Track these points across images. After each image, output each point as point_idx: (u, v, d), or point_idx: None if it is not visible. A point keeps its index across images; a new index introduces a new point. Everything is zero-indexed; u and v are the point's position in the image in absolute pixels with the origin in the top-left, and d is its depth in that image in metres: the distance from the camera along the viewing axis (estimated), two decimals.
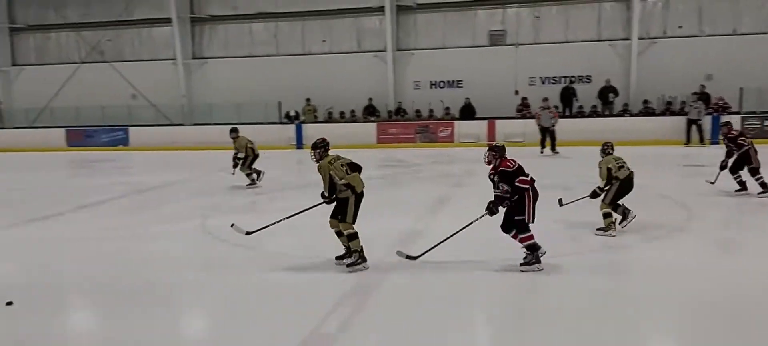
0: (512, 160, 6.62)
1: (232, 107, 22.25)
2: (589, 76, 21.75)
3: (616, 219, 8.05)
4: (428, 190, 12.24)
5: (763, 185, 10.29)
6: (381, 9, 22.49)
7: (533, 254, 6.51)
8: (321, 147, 6.72)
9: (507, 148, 6.88)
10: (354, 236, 6.61)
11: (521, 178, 6.46)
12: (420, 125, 21.25)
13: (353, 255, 6.67)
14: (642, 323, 5.20)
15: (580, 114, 20.94)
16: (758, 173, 10.31)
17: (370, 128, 21.34)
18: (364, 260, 6.68)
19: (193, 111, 23.98)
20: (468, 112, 21.45)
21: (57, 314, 5.84)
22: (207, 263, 7.46)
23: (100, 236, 8.94)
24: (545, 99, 18.36)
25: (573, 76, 21.93)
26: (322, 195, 6.72)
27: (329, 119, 22.53)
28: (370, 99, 22.46)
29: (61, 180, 16.28)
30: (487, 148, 6.79)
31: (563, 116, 20.59)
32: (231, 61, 24.31)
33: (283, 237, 7.95)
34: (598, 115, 20.73)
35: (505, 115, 20.77)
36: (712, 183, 10.64)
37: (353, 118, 22.25)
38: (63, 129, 23.42)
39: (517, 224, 6.49)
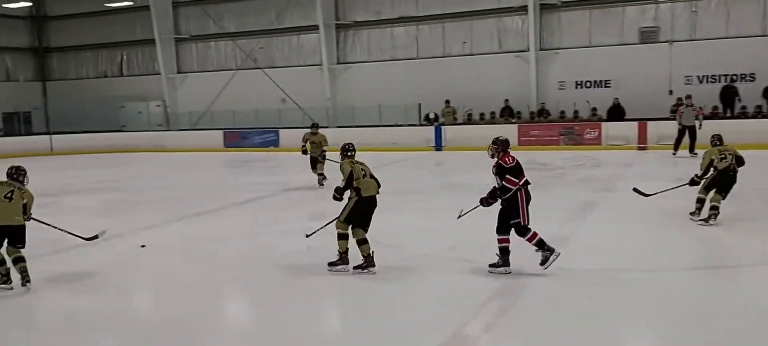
0: (512, 157, 6.53)
1: (373, 109, 22.79)
2: (753, 74, 19.90)
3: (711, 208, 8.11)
4: (573, 194, 11.80)
5: None
6: (524, 8, 22.01)
7: (504, 258, 6.43)
8: (351, 151, 7.17)
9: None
10: (343, 237, 6.77)
11: (509, 176, 6.34)
12: (564, 127, 20.54)
13: (339, 256, 6.82)
14: None
15: (743, 115, 19.21)
16: None
17: (510, 130, 20.91)
18: (346, 262, 6.81)
19: (337, 114, 24.84)
20: (617, 112, 20.42)
21: (211, 299, 6.28)
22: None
23: (253, 231, 9.49)
24: (688, 96, 17.21)
25: (734, 75, 20.16)
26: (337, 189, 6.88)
27: (468, 121, 22.40)
28: (506, 100, 22.04)
29: (220, 178, 17.49)
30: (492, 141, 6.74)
31: (724, 117, 19.02)
32: (373, 65, 24.91)
33: (426, 239, 8.02)
34: (764, 116, 18.92)
35: (657, 116, 19.52)
36: None
37: (492, 120, 21.94)
38: (221, 131, 25.17)
39: (516, 227, 6.38)
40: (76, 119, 26.79)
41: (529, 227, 6.36)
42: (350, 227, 6.74)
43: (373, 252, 6.72)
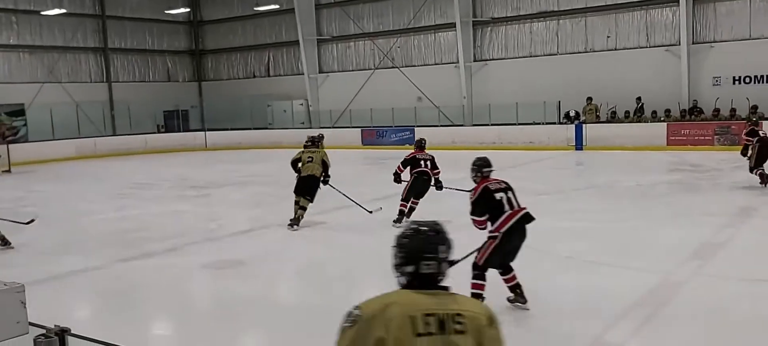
0: (497, 181, 5.51)
1: (511, 107, 22.41)
2: None
3: None
4: (729, 198, 10.94)
5: None
6: (675, 0, 20.68)
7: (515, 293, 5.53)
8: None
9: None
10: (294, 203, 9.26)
11: (474, 218, 5.35)
12: (719, 126, 19.04)
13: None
14: None
15: None
16: None
17: (659, 129, 19.75)
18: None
19: (473, 112, 24.70)
20: None
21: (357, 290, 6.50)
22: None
23: (386, 227, 9.71)
24: None
25: None
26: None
27: (612, 119, 21.41)
28: (638, 99, 20.78)
29: (358, 175, 17.99)
30: None
31: None
32: (511, 62, 24.47)
33: (573, 241, 7.80)
34: None
35: None
36: None
37: (639, 118, 20.80)
38: (359, 129, 25.89)
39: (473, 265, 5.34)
40: (227, 117, 28.77)
41: (483, 267, 5.35)
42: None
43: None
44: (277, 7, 29.13)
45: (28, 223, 8.78)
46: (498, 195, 5.39)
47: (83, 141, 25.40)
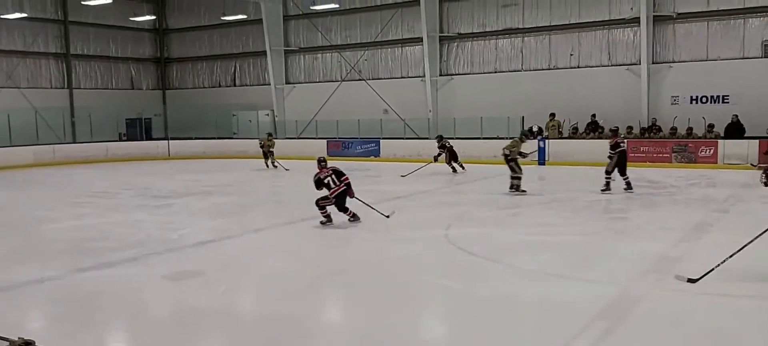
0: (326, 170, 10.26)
1: (475, 122, 22.64)
2: None
3: None
4: (686, 214, 11.21)
5: None
6: (636, 20, 21.19)
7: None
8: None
9: None
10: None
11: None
12: (677, 144, 19.55)
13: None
14: None
15: None
16: None
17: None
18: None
19: (438, 125, 24.89)
20: (735, 130, 19.19)
21: (319, 301, 6.46)
22: (454, 273, 7.62)
23: (359, 236, 9.70)
24: None
25: None
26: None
27: (574, 135, 21.79)
28: (593, 115, 21.31)
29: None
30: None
31: None
32: (476, 77, 24.78)
33: (535, 253, 7.90)
34: None
35: None
36: None
37: (600, 135, 21.20)
38: (325, 140, 25.84)
39: None
40: (192, 126, 28.43)
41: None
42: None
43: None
44: (245, 17, 29.01)
45: None
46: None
47: (42, 148, 24.75)
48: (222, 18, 29.47)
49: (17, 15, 26.09)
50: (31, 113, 25.99)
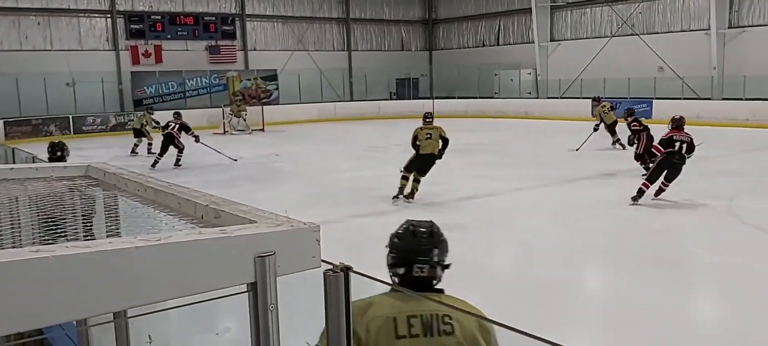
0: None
1: None
2: None
3: None
4: None
5: None
6: None
7: None
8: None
9: None
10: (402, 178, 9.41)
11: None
12: None
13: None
14: None
15: None
16: None
17: None
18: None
19: (723, 84, 22.19)
20: None
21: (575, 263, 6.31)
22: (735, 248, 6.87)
23: (614, 202, 9.20)
24: None
25: None
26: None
27: None
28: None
29: (584, 148, 17.22)
30: None
31: None
32: None
33: None
34: None
35: None
36: None
37: None
38: (589, 100, 24.65)
39: None
40: (455, 86, 29.29)
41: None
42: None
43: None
44: None
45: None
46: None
47: (325, 105, 27.73)
48: None
49: None
50: (316, 74, 29.07)
